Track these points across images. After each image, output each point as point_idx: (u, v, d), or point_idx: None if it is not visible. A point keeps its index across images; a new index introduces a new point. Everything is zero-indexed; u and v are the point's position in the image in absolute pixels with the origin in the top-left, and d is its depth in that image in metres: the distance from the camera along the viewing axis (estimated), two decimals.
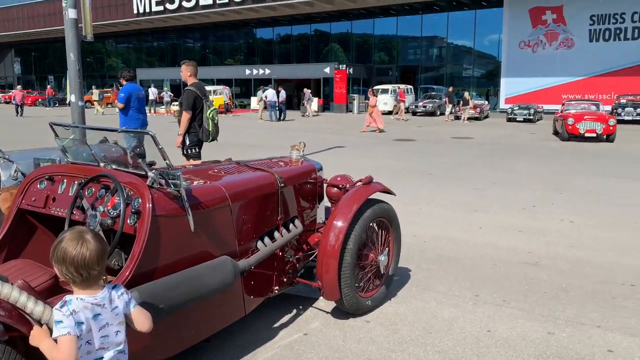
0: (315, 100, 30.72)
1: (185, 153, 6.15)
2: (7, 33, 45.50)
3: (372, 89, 20.40)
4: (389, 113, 27.04)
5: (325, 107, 32.16)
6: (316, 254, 3.21)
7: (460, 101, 23.36)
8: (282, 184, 3.12)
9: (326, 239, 3.07)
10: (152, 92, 29.41)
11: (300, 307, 3.45)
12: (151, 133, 2.43)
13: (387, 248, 3.53)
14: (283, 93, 24.56)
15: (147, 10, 35.11)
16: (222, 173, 3.11)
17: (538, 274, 4.10)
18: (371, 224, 3.36)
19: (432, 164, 10.11)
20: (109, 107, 29.16)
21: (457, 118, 23.69)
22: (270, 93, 23.90)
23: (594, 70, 26.61)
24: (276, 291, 3.12)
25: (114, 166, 2.63)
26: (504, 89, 29.25)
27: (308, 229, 3.49)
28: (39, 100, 38.08)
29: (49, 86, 40.90)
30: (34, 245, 2.79)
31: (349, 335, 3.07)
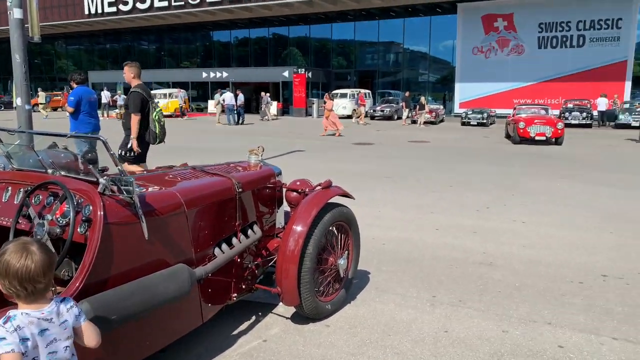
0: (274, 104, 30.65)
1: (121, 154, 5.92)
2: None
3: (329, 93, 20.55)
4: (348, 117, 27.27)
5: (284, 111, 32.14)
6: (275, 260, 3.18)
7: (417, 106, 23.84)
8: (240, 189, 3.08)
9: (285, 244, 3.05)
10: (105, 96, 28.56)
11: (259, 314, 3.41)
12: (102, 138, 2.35)
13: (347, 251, 3.54)
14: (241, 96, 24.36)
15: (99, 11, 34.12)
16: (178, 179, 3.05)
17: (492, 274, 4.22)
18: (331, 228, 3.36)
19: (391, 168, 10.25)
20: (57, 111, 28.08)
21: (414, 122, 24.13)
22: (228, 96, 23.65)
23: (543, 75, 27.76)
24: (234, 298, 3.07)
25: (63, 173, 2.52)
26: (459, 94, 30.09)
27: (267, 235, 3.46)
28: None
29: None
30: None
31: (309, 340, 3.06)
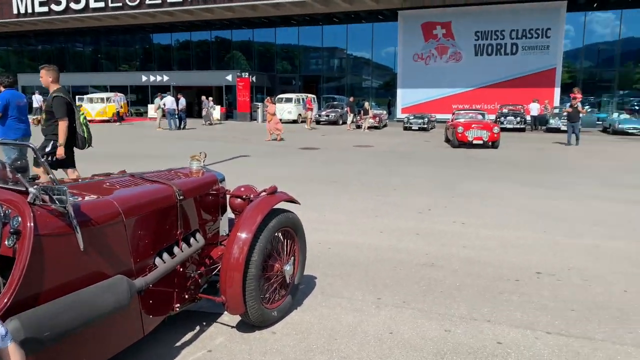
0: (217, 108, 30.21)
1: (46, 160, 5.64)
2: None
3: (270, 97, 20.50)
4: (294, 122, 27.30)
5: (228, 116, 31.75)
6: (219, 268, 3.12)
7: (361, 111, 24.22)
8: (181, 197, 3.00)
9: (230, 252, 2.99)
10: (37, 100, 27.18)
11: (203, 324, 3.33)
12: (32, 145, 2.23)
13: (293, 257, 3.53)
14: (183, 100, 23.82)
15: (30, 10, 32.42)
16: (115, 187, 2.93)
17: (435, 275, 4.33)
18: (276, 234, 3.34)
19: (336, 172, 10.34)
20: None
21: (359, 127, 24.50)
22: (169, 100, 23.05)
23: (480, 82, 28.95)
24: (177, 309, 2.98)
25: None
26: (401, 99, 30.84)
27: (210, 243, 3.39)
28: None
29: None
30: None
31: (255, 348, 3.02)
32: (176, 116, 23.16)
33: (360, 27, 32.38)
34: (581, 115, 17.61)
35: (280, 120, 19.31)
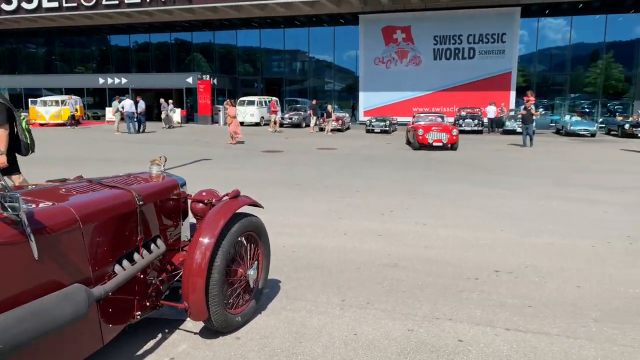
0: (177, 111, 29.73)
1: None
2: None
3: (230, 100, 20.31)
4: (256, 125, 27.13)
5: (189, 118, 31.31)
6: (181, 274, 3.07)
7: (324, 114, 24.33)
8: (141, 202, 2.94)
9: (192, 257, 2.95)
10: None
11: (165, 331, 3.27)
12: None
13: (257, 261, 3.50)
14: (142, 103, 23.30)
15: None
16: (72, 192, 2.84)
17: (397, 275, 4.40)
18: (240, 239, 3.31)
19: (299, 175, 10.35)
20: None
21: (322, 130, 24.59)
22: (127, 103, 22.49)
23: (439, 85, 29.61)
24: (138, 317, 2.92)
25: None
26: (363, 102, 31.18)
27: (172, 248, 3.33)
28: None
29: None
30: None
31: (219, 354, 2.99)
32: (135, 119, 22.64)
33: (322, 31, 32.58)
34: (535, 117, 18.25)
35: (241, 123, 19.13)
